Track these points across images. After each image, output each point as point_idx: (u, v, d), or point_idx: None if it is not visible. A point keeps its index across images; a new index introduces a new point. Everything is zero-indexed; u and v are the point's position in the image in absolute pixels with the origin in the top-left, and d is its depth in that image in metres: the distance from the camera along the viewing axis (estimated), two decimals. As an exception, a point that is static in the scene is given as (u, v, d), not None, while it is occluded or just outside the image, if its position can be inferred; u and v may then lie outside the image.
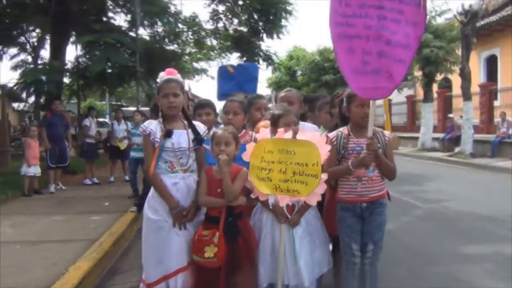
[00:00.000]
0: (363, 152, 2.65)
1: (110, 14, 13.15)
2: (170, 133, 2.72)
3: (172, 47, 14.50)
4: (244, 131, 3.21)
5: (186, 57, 17.12)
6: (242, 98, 3.49)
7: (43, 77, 10.03)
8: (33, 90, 10.97)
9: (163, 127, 2.74)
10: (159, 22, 12.52)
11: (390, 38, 2.52)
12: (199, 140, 2.81)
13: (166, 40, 13.93)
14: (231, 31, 14.53)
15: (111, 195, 7.83)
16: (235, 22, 14.18)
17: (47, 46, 12.63)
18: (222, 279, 2.62)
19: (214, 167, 2.72)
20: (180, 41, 14.73)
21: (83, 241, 4.77)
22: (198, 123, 2.94)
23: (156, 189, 2.76)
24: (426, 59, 16.23)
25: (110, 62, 10.57)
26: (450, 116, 16.74)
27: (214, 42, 15.85)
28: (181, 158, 2.76)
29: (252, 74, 5.73)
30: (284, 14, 13.34)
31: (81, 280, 3.67)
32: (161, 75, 2.86)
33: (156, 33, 13.44)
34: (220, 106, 3.90)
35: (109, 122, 17.16)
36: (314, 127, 3.39)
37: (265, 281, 2.77)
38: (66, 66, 12.12)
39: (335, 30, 2.61)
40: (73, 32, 11.95)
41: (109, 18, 13.11)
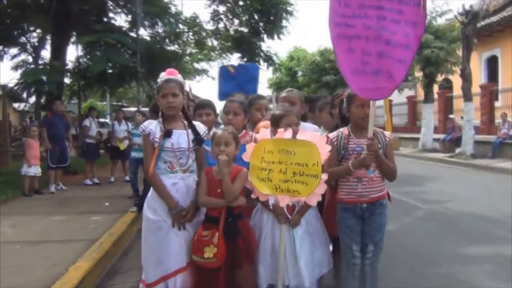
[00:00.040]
0: (364, 152, 2.65)
1: (110, 14, 13.16)
2: (169, 133, 2.72)
3: (172, 48, 14.50)
4: (244, 132, 3.21)
5: (187, 57, 17.12)
6: (242, 98, 3.48)
7: (44, 77, 10.03)
8: (33, 90, 10.97)
9: (163, 127, 2.74)
10: (160, 23, 12.55)
11: (390, 38, 2.51)
12: (199, 140, 2.81)
13: (167, 40, 13.93)
14: (232, 32, 14.54)
15: (112, 195, 7.83)
16: (236, 22, 14.19)
17: (48, 46, 12.66)
18: (221, 280, 2.61)
19: (214, 168, 2.71)
20: (180, 41, 14.73)
21: (83, 241, 4.77)
22: (198, 124, 2.93)
23: (155, 189, 2.76)
24: (427, 60, 16.23)
25: (110, 63, 10.57)
26: (450, 117, 16.72)
27: (215, 43, 15.86)
28: (180, 158, 2.76)
29: (252, 75, 5.72)
30: (284, 14, 13.34)
31: (81, 280, 3.67)
32: (162, 75, 2.86)
33: (156, 33, 13.45)
34: (221, 106, 3.89)
35: (109, 123, 17.18)
36: (314, 128, 3.38)
37: (265, 281, 2.76)
38: (66, 66, 12.13)
39: (335, 30, 2.61)
40: (73, 32, 11.96)
41: (109, 19, 13.12)
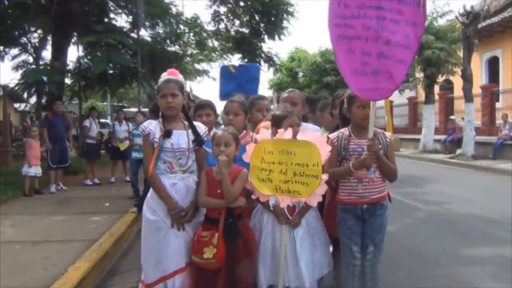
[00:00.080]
0: (364, 153, 2.64)
1: (111, 15, 13.16)
2: (169, 133, 2.71)
3: (173, 48, 14.49)
4: (244, 132, 3.20)
5: (188, 58, 17.10)
6: (243, 99, 3.47)
7: (44, 77, 10.02)
8: (34, 90, 10.97)
9: (163, 127, 2.73)
10: (161, 24, 12.55)
11: (390, 39, 2.50)
12: (199, 141, 2.80)
13: (168, 41, 13.94)
14: (233, 33, 14.53)
15: (112, 196, 7.83)
16: (237, 23, 14.17)
17: (49, 46, 12.63)
18: (221, 280, 2.60)
19: (214, 168, 2.70)
20: (181, 42, 14.72)
21: (83, 241, 4.77)
22: (198, 124, 2.92)
23: (154, 189, 2.76)
24: (428, 61, 16.22)
25: (111, 63, 10.57)
26: (451, 118, 16.70)
27: (216, 44, 15.84)
28: (180, 158, 2.75)
29: (253, 75, 5.72)
30: (285, 15, 13.34)
31: (80, 280, 3.67)
32: (163, 76, 2.86)
33: (157, 34, 13.46)
34: (222, 106, 3.88)
35: (110, 123, 17.18)
36: (315, 128, 3.38)
37: (265, 282, 2.75)
38: (67, 66, 12.12)
39: (334, 31, 2.60)
40: (74, 33, 11.95)
41: (110, 19, 13.12)
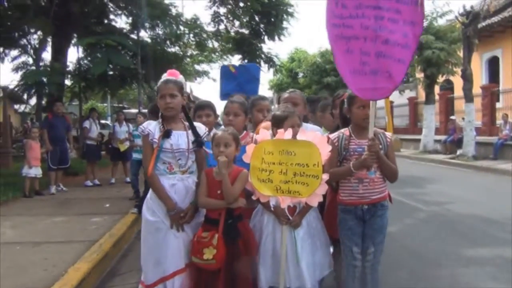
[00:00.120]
0: (365, 153, 2.63)
1: (111, 16, 13.18)
2: (168, 133, 2.70)
3: (173, 49, 14.51)
4: (245, 133, 3.19)
5: (188, 59, 17.12)
6: (243, 99, 3.46)
7: (44, 78, 10.03)
8: (34, 91, 10.98)
9: (162, 128, 2.73)
10: (161, 25, 12.55)
11: (388, 38, 2.50)
12: (199, 142, 2.79)
13: (168, 42, 13.95)
14: (233, 33, 14.54)
15: (112, 197, 7.82)
16: (236, 24, 14.19)
17: (49, 48, 12.66)
18: (221, 281, 2.59)
19: (214, 169, 2.69)
20: (181, 43, 14.74)
21: (83, 242, 4.76)
22: (199, 125, 2.92)
23: (153, 190, 2.75)
24: (428, 61, 16.21)
25: (111, 64, 10.58)
26: (452, 118, 16.69)
27: (216, 44, 15.86)
28: (179, 159, 2.74)
29: (253, 75, 5.73)
30: (285, 16, 13.36)
31: (80, 281, 3.66)
32: (163, 76, 2.85)
33: (157, 35, 13.46)
34: (222, 105, 3.87)
35: (110, 124, 17.18)
36: (316, 128, 3.37)
37: (265, 283, 2.73)
38: (67, 68, 12.13)
39: (332, 31, 2.60)
40: (74, 34, 11.97)
41: (110, 21, 13.14)
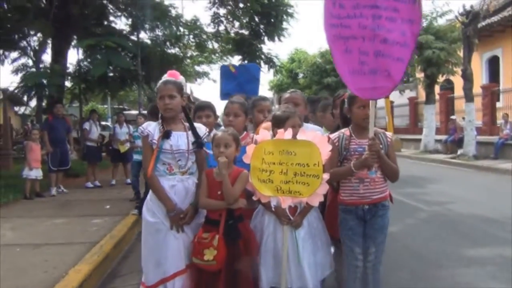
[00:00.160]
0: (365, 153, 2.62)
1: (111, 18, 13.18)
2: (168, 134, 2.70)
3: (173, 51, 14.52)
4: (245, 133, 3.18)
5: (188, 60, 17.13)
6: (243, 100, 3.46)
7: (44, 80, 10.04)
8: (34, 93, 10.97)
9: (162, 129, 2.72)
10: (160, 26, 12.55)
11: (386, 37, 2.49)
12: (199, 144, 2.79)
13: (168, 43, 13.95)
14: (232, 34, 14.54)
15: (113, 198, 7.82)
16: (236, 25, 14.19)
17: (49, 50, 12.66)
18: (222, 282, 2.58)
19: (215, 169, 2.68)
20: (181, 44, 14.75)
21: (84, 244, 4.75)
22: (199, 125, 2.91)
23: (153, 191, 2.74)
24: (428, 61, 16.21)
25: (111, 66, 10.58)
26: (452, 117, 16.67)
27: (216, 45, 15.87)
28: (179, 160, 2.74)
29: (253, 74, 5.73)
30: (285, 16, 13.35)
31: (81, 283, 3.65)
32: (163, 78, 2.85)
33: (157, 36, 13.47)
34: (223, 105, 3.86)
35: (111, 126, 17.18)
36: (317, 128, 3.36)
37: (266, 284, 2.72)
38: (67, 69, 12.13)
39: (330, 32, 2.59)
40: (74, 36, 11.98)
41: (110, 22, 13.13)
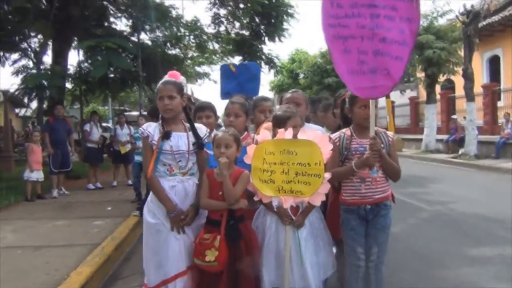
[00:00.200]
0: (367, 152, 2.61)
1: (111, 19, 13.19)
2: (168, 134, 2.69)
3: (174, 52, 14.53)
4: (246, 133, 3.17)
5: (188, 61, 17.14)
6: (243, 100, 3.45)
7: (45, 82, 10.04)
8: (35, 95, 10.98)
9: (162, 130, 2.71)
10: (161, 27, 12.56)
11: (385, 36, 2.49)
12: (200, 144, 2.78)
13: (168, 44, 13.96)
14: (233, 35, 14.56)
15: (114, 200, 7.81)
16: (237, 25, 14.21)
17: (49, 51, 12.68)
18: (223, 283, 2.57)
19: (216, 170, 2.68)
20: (182, 45, 14.76)
21: (86, 245, 4.75)
22: (200, 126, 2.90)
23: (153, 192, 2.74)
24: (429, 60, 16.19)
25: (112, 67, 10.58)
26: (453, 117, 16.65)
27: (216, 46, 15.88)
28: (180, 161, 2.73)
29: (253, 74, 5.71)
30: (285, 17, 13.36)
31: (83, 285, 3.65)
32: (164, 78, 2.84)
33: (157, 37, 13.48)
34: (223, 105, 3.84)
35: (112, 127, 17.20)
36: (318, 128, 3.35)
37: (268, 285, 2.71)
38: (68, 71, 12.14)
39: (329, 32, 2.59)
40: (74, 37, 11.98)
41: (110, 23, 13.15)
